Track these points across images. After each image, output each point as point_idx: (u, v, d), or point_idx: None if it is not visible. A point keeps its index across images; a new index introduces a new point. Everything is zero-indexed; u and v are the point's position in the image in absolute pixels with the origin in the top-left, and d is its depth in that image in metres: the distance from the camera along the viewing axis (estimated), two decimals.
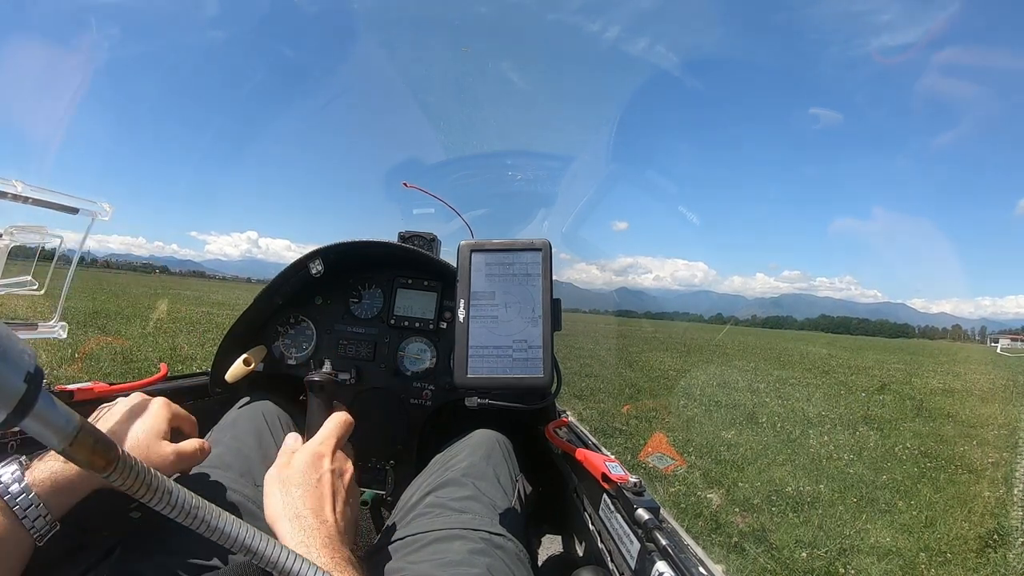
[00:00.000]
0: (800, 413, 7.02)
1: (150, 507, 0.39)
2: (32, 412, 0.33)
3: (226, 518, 0.41)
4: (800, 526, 3.22)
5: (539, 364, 0.70)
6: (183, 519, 0.39)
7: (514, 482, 0.92)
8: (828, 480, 4.17)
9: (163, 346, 7.67)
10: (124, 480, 0.37)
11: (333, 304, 1.24)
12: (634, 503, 0.74)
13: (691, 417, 6.46)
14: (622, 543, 0.75)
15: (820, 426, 6.22)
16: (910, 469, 4.73)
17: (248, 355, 1.11)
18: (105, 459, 0.37)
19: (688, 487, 3.70)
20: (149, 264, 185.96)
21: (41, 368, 0.34)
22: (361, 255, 1.21)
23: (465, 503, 0.82)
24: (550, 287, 0.74)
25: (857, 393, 9.75)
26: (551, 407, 1.22)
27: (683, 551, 0.65)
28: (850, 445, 5.39)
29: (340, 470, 0.69)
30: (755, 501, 3.58)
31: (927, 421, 7.25)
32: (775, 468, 4.38)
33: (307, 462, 0.66)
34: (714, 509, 3.35)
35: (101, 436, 0.37)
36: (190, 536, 0.40)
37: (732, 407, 6.99)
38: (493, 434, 1.02)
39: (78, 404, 0.95)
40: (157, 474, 0.39)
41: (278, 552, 0.42)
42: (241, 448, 0.90)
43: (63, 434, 0.35)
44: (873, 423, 6.74)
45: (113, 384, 1.01)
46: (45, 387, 0.34)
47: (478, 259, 0.76)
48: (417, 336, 1.21)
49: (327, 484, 0.65)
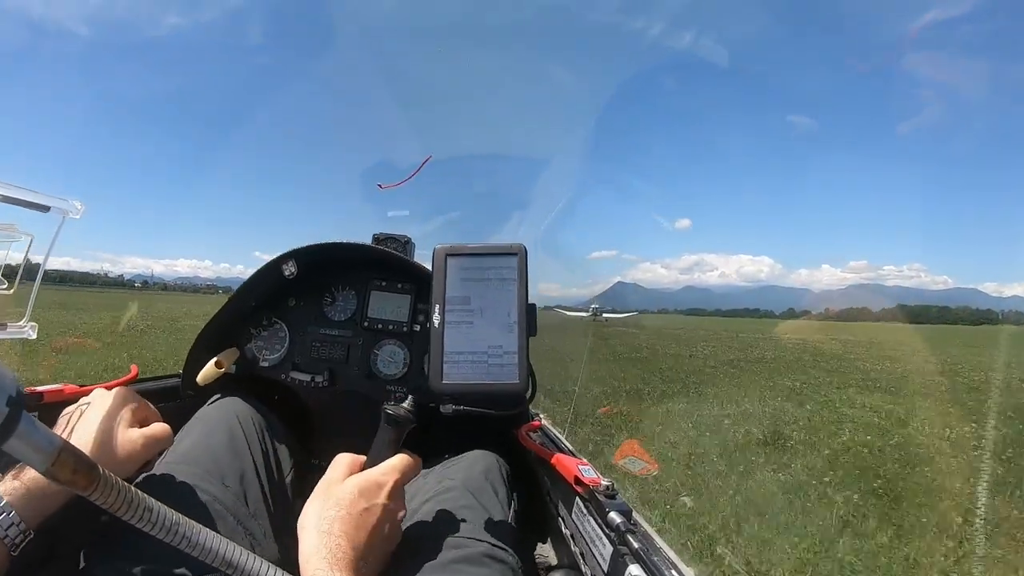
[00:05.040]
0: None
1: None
2: (15, 434, 0.34)
3: (206, 534, 0.42)
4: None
5: (515, 370, 0.70)
6: (164, 535, 0.40)
7: (510, 499, 0.93)
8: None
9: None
10: (105, 499, 0.38)
11: (306, 306, 1.24)
12: (606, 506, 0.75)
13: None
14: (595, 546, 0.77)
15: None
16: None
17: (220, 357, 1.10)
18: (87, 478, 0.37)
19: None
20: (213, 285, 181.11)
21: (23, 391, 0.34)
22: (335, 257, 1.20)
23: (465, 512, 0.81)
24: (526, 292, 0.74)
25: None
26: (524, 410, 1.24)
27: (656, 553, 0.66)
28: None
29: (394, 509, 0.66)
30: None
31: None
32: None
33: (361, 487, 0.64)
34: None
35: (82, 456, 0.38)
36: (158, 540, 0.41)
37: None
38: (491, 455, 1.03)
39: (48, 406, 0.93)
40: (137, 492, 0.40)
41: (259, 567, 0.43)
42: (211, 445, 0.89)
43: (45, 455, 0.36)
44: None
45: (83, 386, 0.99)
46: (25, 411, 0.35)
47: (453, 263, 0.75)
48: (391, 339, 1.21)
49: (374, 516, 0.63)
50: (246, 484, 0.86)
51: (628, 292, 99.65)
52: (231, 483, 0.84)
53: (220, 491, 0.80)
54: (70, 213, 0.90)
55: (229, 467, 0.86)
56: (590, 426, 5.41)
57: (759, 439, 5.25)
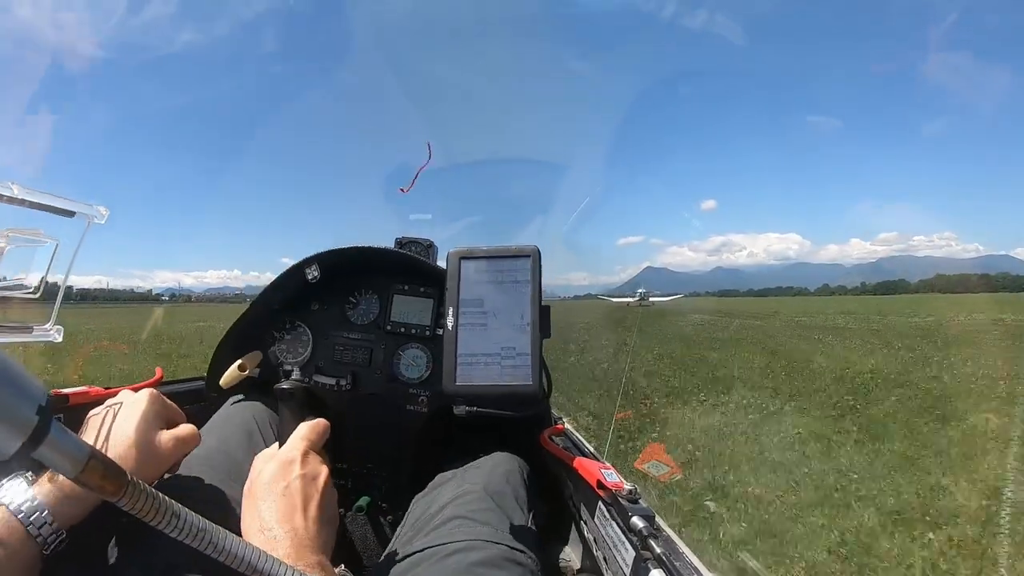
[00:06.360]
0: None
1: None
2: (45, 441, 0.34)
3: (232, 539, 0.42)
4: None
5: (528, 371, 0.70)
6: (191, 541, 0.40)
7: (531, 501, 0.93)
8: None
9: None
10: (134, 504, 0.38)
11: (329, 310, 1.24)
12: (629, 511, 0.74)
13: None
14: (617, 551, 0.76)
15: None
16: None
17: (243, 360, 1.11)
18: (115, 484, 0.37)
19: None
20: (241, 294, 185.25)
21: (52, 400, 0.34)
22: (358, 261, 1.21)
23: (486, 515, 0.81)
24: (539, 294, 0.74)
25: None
26: (547, 414, 1.23)
27: (678, 559, 0.65)
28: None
29: (312, 474, 0.67)
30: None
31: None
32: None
33: (274, 471, 0.66)
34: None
35: (111, 463, 0.38)
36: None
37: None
38: (514, 458, 1.03)
39: (74, 408, 0.94)
40: (165, 498, 0.40)
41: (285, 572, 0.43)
42: (229, 448, 0.90)
43: (75, 462, 0.36)
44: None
45: (108, 388, 1.00)
46: (55, 418, 0.35)
47: (467, 266, 0.76)
48: (413, 342, 1.22)
49: (296, 491, 0.64)
50: None
51: (658, 277, 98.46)
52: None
53: (236, 492, 0.81)
54: (95, 218, 0.91)
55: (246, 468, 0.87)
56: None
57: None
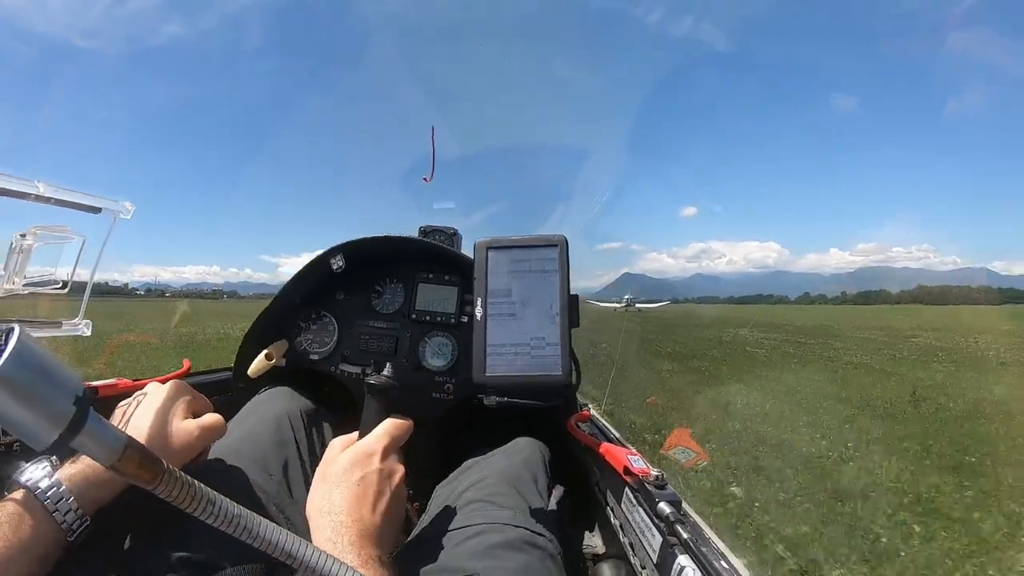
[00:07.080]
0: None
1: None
2: (83, 431, 0.35)
3: (267, 525, 0.42)
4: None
5: (557, 361, 0.70)
6: (226, 527, 0.40)
7: (550, 486, 0.93)
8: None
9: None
10: (170, 492, 0.38)
11: (355, 299, 1.25)
12: (656, 496, 0.74)
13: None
14: (644, 536, 0.76)
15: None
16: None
17: (270, 350, 1.12)
18: (151, 473, 0.38)
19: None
20: (219, 290, 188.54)
21: (88, 391, 0.35)
22: (382, 250, 1.21)
23: (505, 499, 0.82)
24: (567, 283, 0.74)
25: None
26: (573, 400, 1.22)
27: (705, 544, 0.65)
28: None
29: (389, 471, 0.67)
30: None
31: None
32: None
33: (352, 460, 0.66)
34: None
35: (147, 451, 0.38)
36: (205, 525, 0.41)
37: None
38: (535, 442, 1.03)
39: (103, 400, 0.96)
40: (200, 485, 0.40)
41: (321, 559, 0.43)
42: (256, 436, 0.91)
43: (111, 451, 0.37)
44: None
45: (136, 380, 1.02)
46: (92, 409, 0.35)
47: (495, 256, 0.76)
48: (438, 331, 1.22)
49: (371, 483, 0.63)
50: (290, 473, 0.88)
51: (636, 283, 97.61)
52: (275, 472, 0.86)
53: (264, 480, 0.82)
54: (121, 214, 0.93)
55: (274, 457, 0.88)
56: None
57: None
